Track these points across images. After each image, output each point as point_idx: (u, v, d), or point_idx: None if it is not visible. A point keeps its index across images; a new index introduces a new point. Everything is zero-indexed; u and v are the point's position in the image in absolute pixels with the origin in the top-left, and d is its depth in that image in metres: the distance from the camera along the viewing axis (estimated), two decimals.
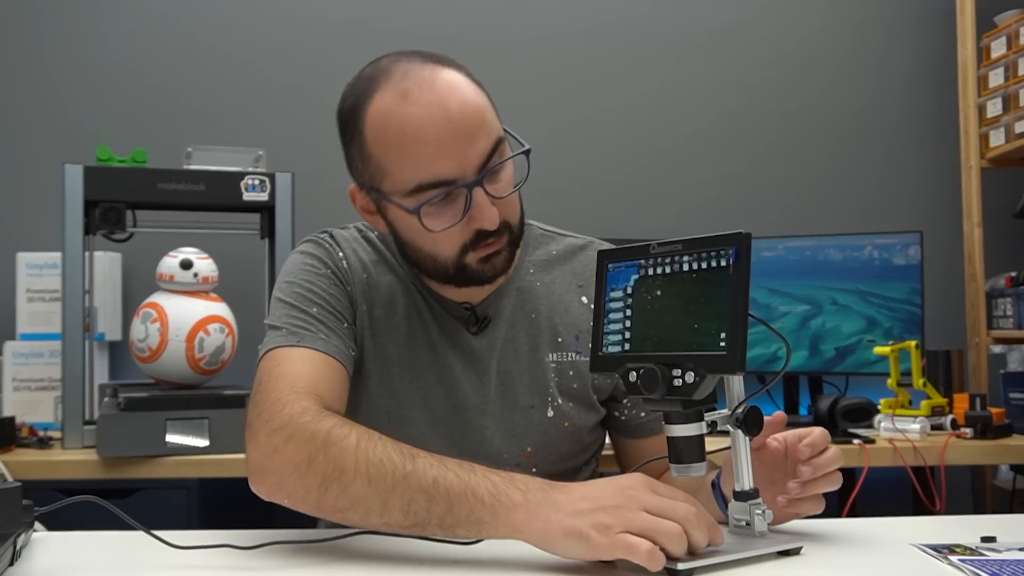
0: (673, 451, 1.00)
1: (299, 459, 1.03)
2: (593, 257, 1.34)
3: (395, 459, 1.00)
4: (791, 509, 1.06)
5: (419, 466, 0.99)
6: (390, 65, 1.16)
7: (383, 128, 1.14)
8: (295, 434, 1.04)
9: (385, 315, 1.28)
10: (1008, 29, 2.59)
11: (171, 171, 2.14)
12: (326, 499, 1.01)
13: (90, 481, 1.96)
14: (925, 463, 2.06)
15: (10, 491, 0.99)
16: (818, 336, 2.44)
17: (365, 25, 2.76)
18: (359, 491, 1.00)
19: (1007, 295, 2.53)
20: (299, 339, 1.18)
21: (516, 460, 1.28)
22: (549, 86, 2.81)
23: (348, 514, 1.01)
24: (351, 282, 1.28)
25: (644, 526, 0.90)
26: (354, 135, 1.18)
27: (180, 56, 2.74)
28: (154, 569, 0.98)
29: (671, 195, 2.80)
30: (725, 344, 0.93)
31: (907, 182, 2.87)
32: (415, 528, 0.99)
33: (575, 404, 1.30)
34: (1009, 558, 0.96)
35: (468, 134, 1.13)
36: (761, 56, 2.88)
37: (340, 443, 1.02)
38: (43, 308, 2.38)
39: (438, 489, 0.97)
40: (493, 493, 0.97)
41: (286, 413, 1.07)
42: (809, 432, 1.06)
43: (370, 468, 1.00)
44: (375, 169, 1.17)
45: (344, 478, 1.00)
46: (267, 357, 1.18)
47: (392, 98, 1.13)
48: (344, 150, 1.22)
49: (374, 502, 0.99)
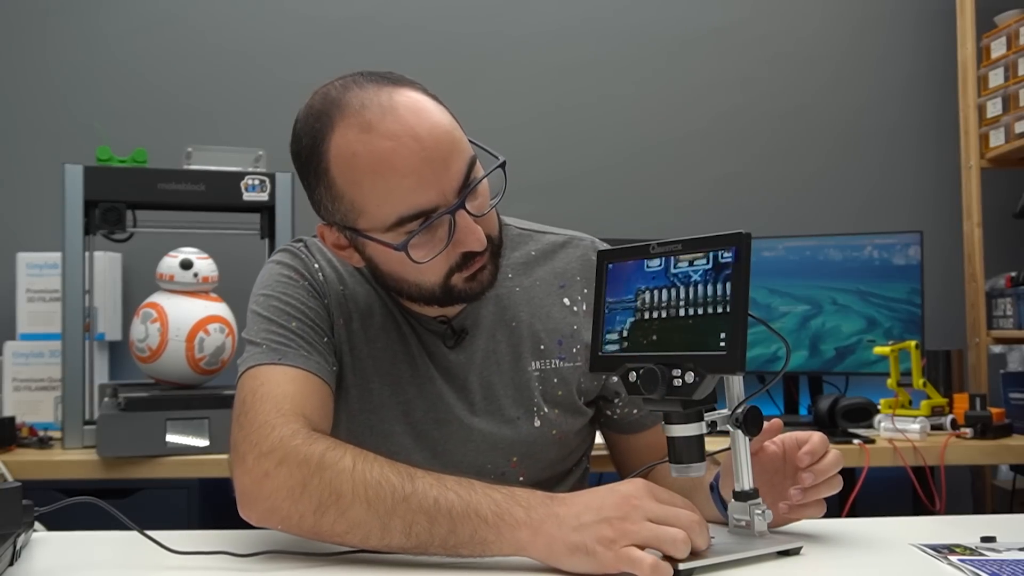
0: (673, 451, 1.00)
1: (292, 484, 0.99)
2: (575, 254, 1.32)
3: (393, 480, 0.98)
4: (793, 515, 1.06)
5: (419, 487, 0.97)
6: (341, 96, 1.09)
7: (351, 165, 1.07)
8: (287, 458, 1.01)
9: (363, 328, 1.24)
10: (1008, 29, 2.59)
11: (171, 171, 2.14)
12: (323, 524, 0.99)
13: (90, 481, 1.96)
14: (925, 463, 2.06)
15: (10, 491, 0.99)
16: (818, 336, 2.44)
17: (365, 24, 2.76)
18: (358, 515, 0.97)
19: (1007, 295, 2.53)
20: (280, 356, 1.14)
21: (502, 470, 1.25)
22: (549, 86, 2.81)
23: (347, 538, 0.99)
24: (327, 294, 1.23)
25: (648, 536, 0.90)
26: (319, 176, 1.11)
27: (180, 56, 2.74)
28: (153, 570, 0.98)
29: (671, 195, 2.80)
30: (725, 344, 0.93)
31: (907, 182, 2.87)
32: (417, 550, 0.97)
33: (561, 411, 1.27)
34: (1009, 558, 0.96)
35: (443, 159, 1.07)
36: (761, 56, 2.88)
37: (335, 466, 0.99)
38: (43, 308, 2.38)
39: (439, 510, 0.96)
40: (496, 512, 0.95)
41: (275, 436, 1.03)
42: (808, 437, 1.06)
43: (368, 491, 0.97)
44: (348, 208, 1.10)
45: (342, 502, 0.98)
46: (248, 375, 1.14)
47: (355, 133, 1.07)
48: (308, 191, 1.15)
49: (374, 525, 0.97)
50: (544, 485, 1.28)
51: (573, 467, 1.34)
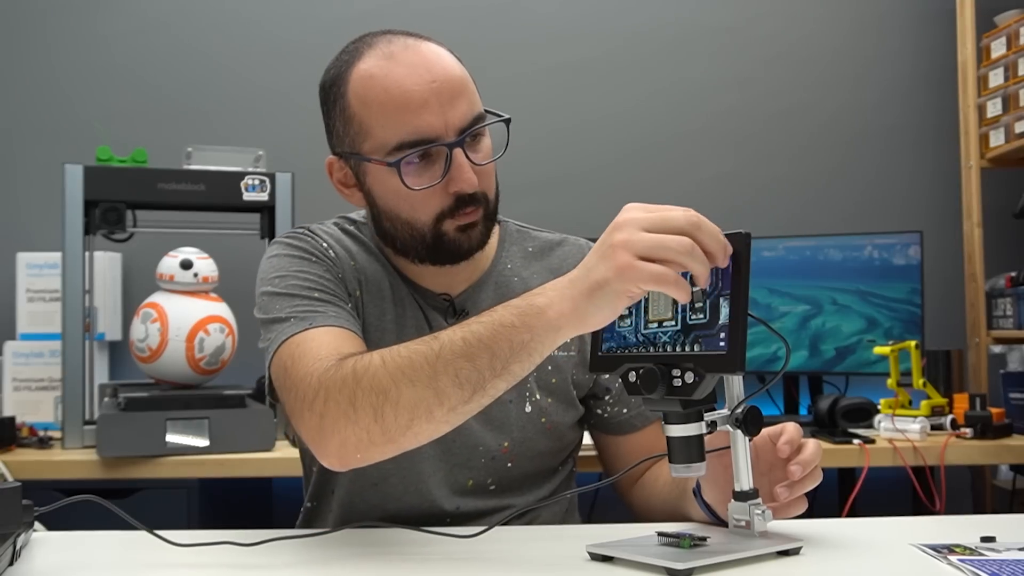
0: (672, 451, 1.00)
1: (344, 407, 1.00)
2: (569, 253, 1.36)
3: (421, 349, 0.99)
4: (778, 515, 1.06)
5: (443, 340, 0.99)
6: (373, 36, 1.21)
7: (367, 88, 1.16)
8: (329, 391, 1.02)
9: (374, 300, 1.27)
10: (1008, 29, 2.59)
11: (171, 171, 2.14)
12: (388, 425, 0.99)
13: (90, 481, 1.96)
14: (925, 463, 2.06)
15: (10, 491, 0.99)
16: (818, 336, 2.44)
17: (366, 24, 2.74)
18: (409, 396, 0.98)
19: (1007, 295, 2.53)
20: (310, 323, 1.15)
21: (493, 454, 1.26)
22: (549, 85, 2.81)
23: (415, 425, 0.99)
24: (341, 268, 1.27)
25: (653, 243, 0.91)
26: (336, 99, 1.19)
27: (180, 56, 2.74)
28: (155, 568, 0.98)
29: (670, 195, 2.74)
30: (725, 344, 0.93)
31: (907, 182, 2.87)
32: (479, 395, 0.98)
33: (554, 400, 1.29)
34: (1009, 558, 0.96)
35: (451, 95, 1.15)
36: (761, 55, 2.88)
37: (367, 370, 1.01)
38: (43, 308, 2.38)
39: (471, 345, 0.97)
40: (519, 313, 0.97)
41: (314, 381, 1.05)
42: (782, 429, 1.06)
43: (405, 372, 0.99)
44: (357, 130, 1.18)
45: (390, 395, 0.99)
46: (282, 348, 1.14)
47: (376, 60, 1.16)
48: (325, 119, 1.23)
49: (428, 396, 0.98)
50: (532, 479, 1.29)
51: (560, 465, 1.34)
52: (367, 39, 1.21)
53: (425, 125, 1.13)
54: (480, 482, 1.27)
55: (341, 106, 1.19)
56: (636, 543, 1.00)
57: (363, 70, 1.17)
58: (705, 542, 0.98)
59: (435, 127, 1.14)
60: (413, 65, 1.15)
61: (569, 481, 1.37)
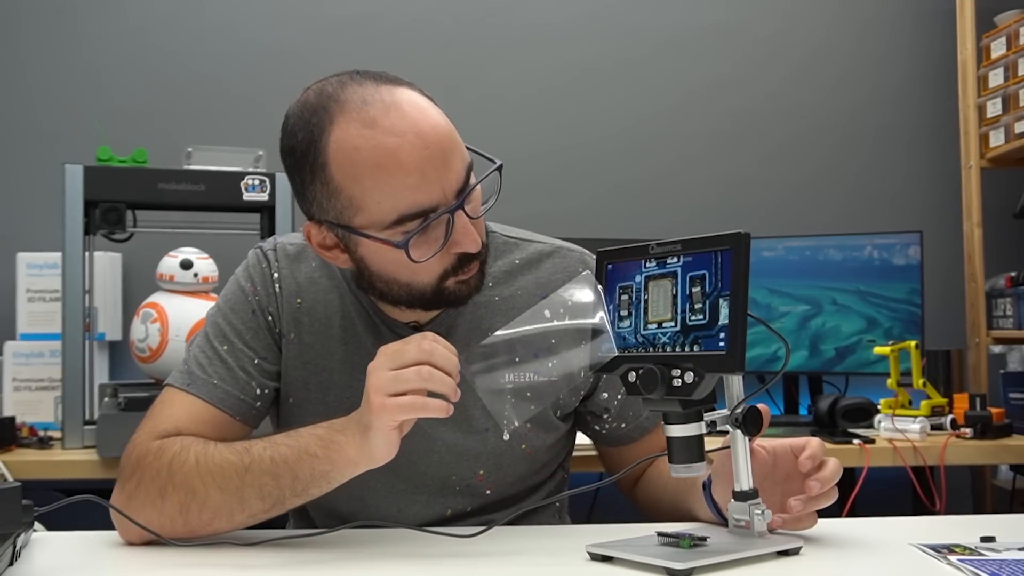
0: (672, 451, 1.00)
1: (153, 496, 1.08)
2: (561, 264, 1.29)
3: (232, 459, 1.08)
4: (787, 527, 1.05)
5: (255, 454, 1.07)
6: (339, 92, 1.09)
7: (352, 161, 1.06)
8: (143, 477, 1.09)
9: (319, 340, 1.23)
10: (1008, 29, 2.59)
11: (171, 171, 2.14)
12: (191, 520, 1.07)
13: (90, 481, 1.95)
14: (925, 463, 2.06)
15: (10, 491, 0.99)
16: (818, 336, 2.44)
17: (365, 24, 2.76)
18: (216, 500, 1.06)
19: (1007, 295, 2.53)
20: (187, 384, 1.19)
21: (467, 482, 1.24)
22: (547, 85, 2.81)
23: (215, 523, 1.07)
24: (280, 307, 1.23)
25: (394, 380, 1.00)
26: (315, 172, 1.08)
27: (180, 56, 2.74)
28: (155, 568, 0.98)
29: (671, 195, 2.80)
30: (725, 344, 0.93)
31: (907, 182, 2.87)
32: (277, 507, 1.07)
33: (533, 425, 1.24)
34: (1009, 558, 0.96)
35: (444, 158, 1.07)
36: (761, 56, 2.88)
37: (182, 468, 1.08)
38: (43, 308, 2.38)
39: (278, 465, 1.06)
40: (322, 446, 1.05)
41: (133, 459, 1.12)
42: (805, 443, 1.04)
43: (216, 478, 1.07)
44: (346, 204, 1.08)
45: (198, 495, 1.07)
46: (163, 390, 1.21)
47: (357, 128, 1.05)
48: (299, 188, 1.13)
49: (232, 503, 1.06)
50: (514, 499, 1.27)
51: (546, 480, 1.32)
52: (334, 95, 1.08)
53: (425, 196, 1.06)
54: (460, 510, 1.25)
55: (322, 179, 1.08)
56: (636, 543, 1.00)
57: (344, 141, 1.06)
58: (705, 542, 0.98)
59: (434, 197, 1.06)
60: (401, 133, 1.05)
61: (560, 490, 1.35)
